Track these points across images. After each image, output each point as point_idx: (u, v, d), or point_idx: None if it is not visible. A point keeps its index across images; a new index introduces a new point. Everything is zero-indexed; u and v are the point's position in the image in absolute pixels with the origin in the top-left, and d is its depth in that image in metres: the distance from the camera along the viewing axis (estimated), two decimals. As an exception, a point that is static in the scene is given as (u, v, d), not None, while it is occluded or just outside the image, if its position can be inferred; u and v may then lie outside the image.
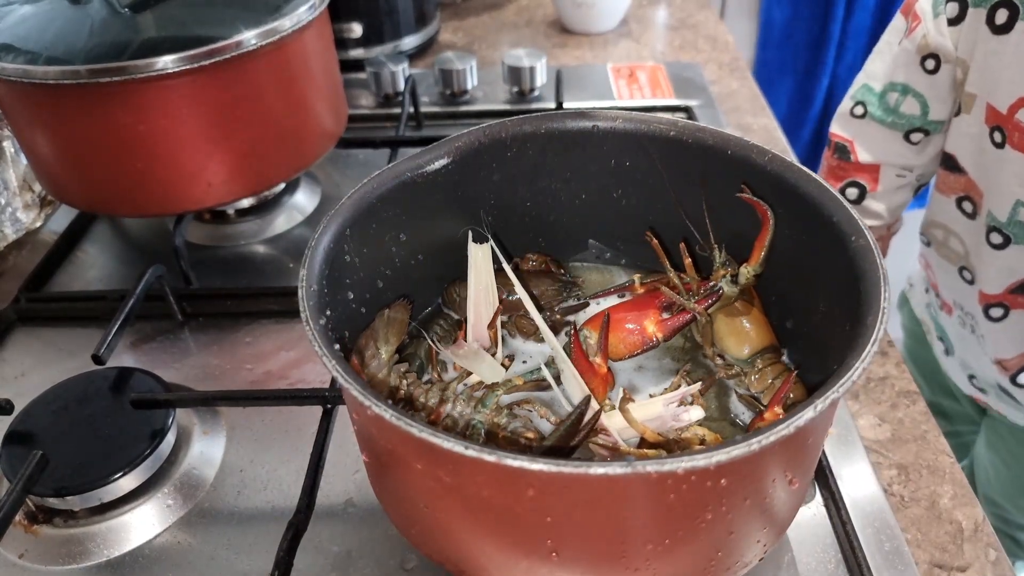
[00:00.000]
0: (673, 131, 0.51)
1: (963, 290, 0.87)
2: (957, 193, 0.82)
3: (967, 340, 0.91)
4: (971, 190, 0.80)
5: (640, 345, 0.51)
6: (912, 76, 0.81)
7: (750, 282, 0.50)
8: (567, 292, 0.56)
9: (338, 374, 0.35)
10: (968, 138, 0.78)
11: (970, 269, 0.85)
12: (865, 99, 0.86)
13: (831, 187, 0.44)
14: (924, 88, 0.81)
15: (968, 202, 0.81)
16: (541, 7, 1.33)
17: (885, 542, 0.50)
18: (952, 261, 0.87)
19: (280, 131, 0.70)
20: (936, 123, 0.83)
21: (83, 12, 0.65)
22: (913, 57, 0.80)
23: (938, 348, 1.01)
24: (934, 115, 0.82)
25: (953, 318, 0.92)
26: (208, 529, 0.52)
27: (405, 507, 0.41)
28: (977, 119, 0.76)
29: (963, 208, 0.82)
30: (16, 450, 0.53)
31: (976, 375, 0.93)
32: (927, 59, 0.79)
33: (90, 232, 0.82)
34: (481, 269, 0.52)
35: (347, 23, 1.05)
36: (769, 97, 1.06)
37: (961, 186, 0.81)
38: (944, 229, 0.87)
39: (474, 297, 0.52)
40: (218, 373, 0.64)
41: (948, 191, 0.84)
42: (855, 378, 0.33)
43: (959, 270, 0.87)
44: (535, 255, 0.58)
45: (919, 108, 0.83)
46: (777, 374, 0.49)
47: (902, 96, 0.83)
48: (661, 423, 0.45)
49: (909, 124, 0.84)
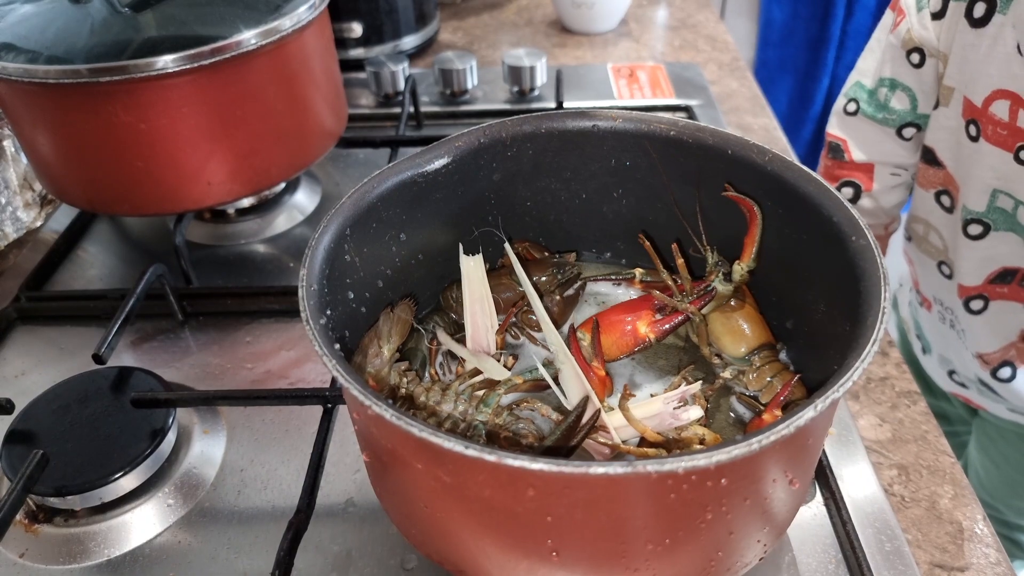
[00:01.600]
0: (673, 131, 0.51)
1: (942, 285, 0.87)
2: (936, 187, 0.83)
3: (947, 336, 0.91)
4: (949, 184, 0.81)
5: (633, 346, 0.51)
6: (899, 70, 0.82)
7: (744, 279, 0.50)
8: (561, 272, 0.55)
9: (338, 374, 0.35)
10: (946, 131, 0.78)
11: (948, 263, 0.85)
12: (857, 96, 0.87)
13: (831, 187, 0.44)
14: (911, 82, 0.82)
15: (946, 196, 0.82)
16: (541, 7, 1.33)
17: (885, 542, 0.50)
18: (932, 256, 0.88)
19: (280, 130, 0.70)
20: (926, 117, 0.83)
21: (84, 11, 0.65)
22: (899, 51, 0.80)
23: (916, 346, 1.01)
24: (923, 109, 0.83)
25: (932, 314, 0.93)
26: (208, 529, 0.52)
27: (405, 507, 0.41)
28: (955, 112, 0.76)
29: (941, 202, 0.83)
30: (17, 449, 0.53)
31: (956, 371, 0.94)
32: (912, 53, 0.79)
33: (90, 231, 0.82)
34: (474, 281, 0.53)
35: (347, 23, 1.05)
36: (769, 97, 1.06)
37: (940, 180, 0.82)
38: (924, 223, 0.87)
39: (470, 308, 0.52)
40: (218, 372, 0.64)
41: (928, 185, 0.84)
42: (855, 378, 0.33)
43: (938, 264, 0.87)
44: (518, 243, 0.58)
45: (909, 102, 0.83)
46: (775, 372, 0.49)
47: (891, 91, 0.83)
48: (660, 421, 0.45)
49: (900, 119, 0.84)
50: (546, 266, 0.56)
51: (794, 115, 2.16)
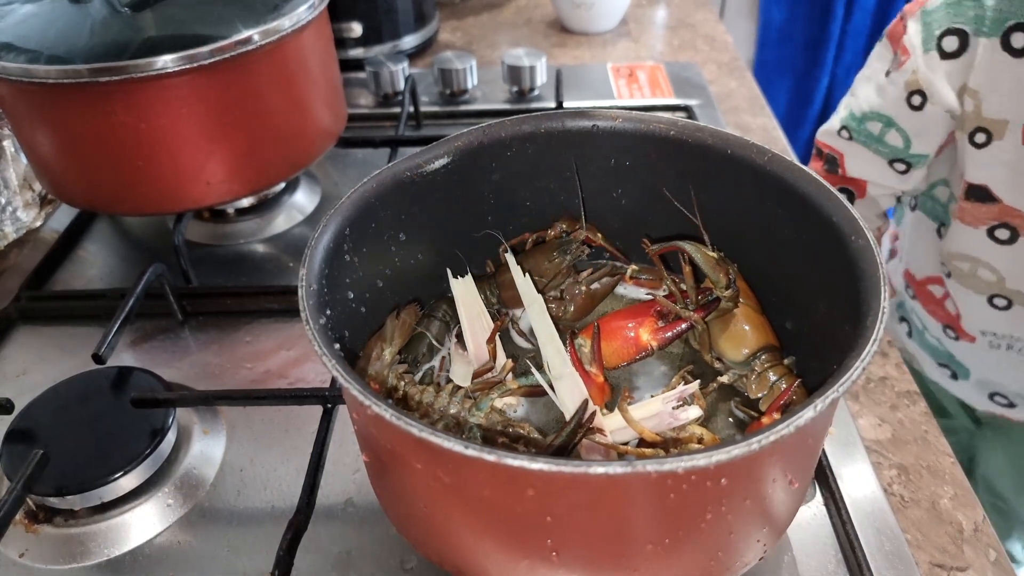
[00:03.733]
0: (673, 131, 0.51)
1: (995, 317, 0.87)
2: (988, 223, 0.82)
3: (1000, 360, 0.90)
4: (1008, 216, 0.80)
5: (635, 354, 0.50)
6: (898, 111, 0.81)
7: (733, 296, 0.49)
8: (568, 251, 0.54)
9: (338, 373, 0.35)
10: (1001, 165, 0.77)
11: (1007, 295, 0.84)
12: (849, 125, 0.87)
13: (831, 187, 0.44)
14: (908, 124, 0.81)
15: (1003, 229, 0.81)
16: (540, 7, 1.33)
17: (885, 542, 0.50)
18: (981, 291, 0.87)
19: (280, 130, 0.70)
20: (918, 156, 0.83)
21: (84, 11, 0.65)
22: (901, 91, 0.80)
23: (939, 374, 1.00)
24: (916, 149, 0.82)
25: (977, 345, 0.92)
26: (208, 529, 0.52)
27: (405, 507, 0.41)
28: (1013, 143, 0.75)
29: (996, 236, 0.82)
30: (17, 449, 0.53)
31: (1003, 392, 0.93)
32: (913, 95, 0.79)
33: (90, 231, 0.82)
34: (468, 302, 0.53)
35: (346, 22, 1.05)
36: (768, 97, 1.06)
37: (994, 215, 0.81)
38: (971, 260, 0.86)
39: (469, 327, 0.52)
40: (218, 372, 0.64)
41: (976, 222, 0.83)
42: (855, 378, 0.33)
43: (989, 299, 0.86)
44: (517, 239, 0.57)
45: (902, 141, 0.83)
46: (779, 376, 0.48)
47: (886, 128, 0.83)
48: (659, 421, 0.45)
49: (892, 154, 0.84)
50: (549, 251, 0.54)
51: (793, 115, 2.16)
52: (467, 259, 0.56)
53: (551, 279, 0.54)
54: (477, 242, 0.56)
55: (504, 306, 0.56)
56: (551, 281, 0.55)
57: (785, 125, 0.97)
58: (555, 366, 0.48)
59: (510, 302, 0.55)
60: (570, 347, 0.49)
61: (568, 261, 0.54)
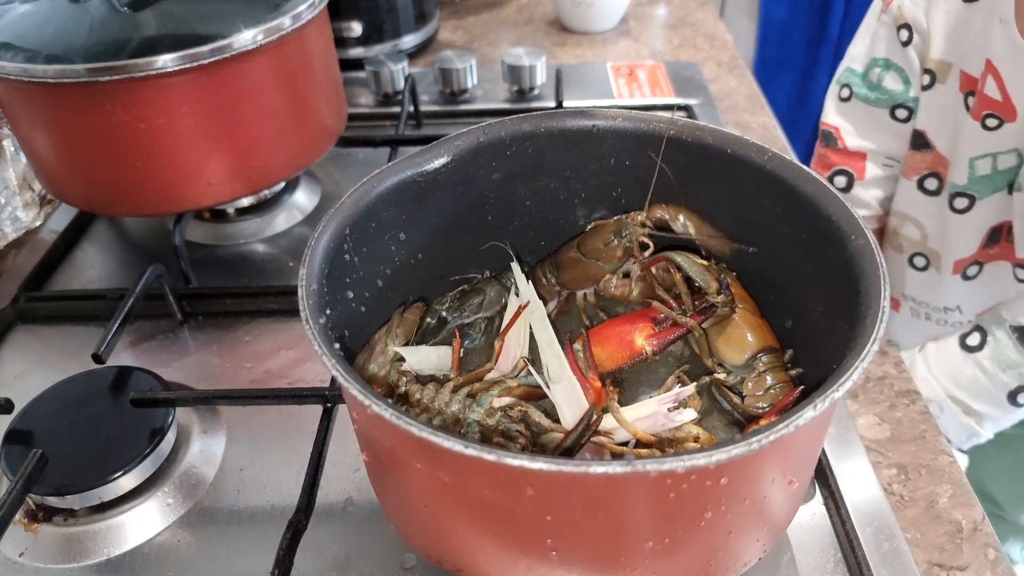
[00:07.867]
0: (672, 130, 0.51)
1: (915, 279, 0.88)
2: (921, 172, 0.84)
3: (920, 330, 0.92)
4: (938, 165, 0.82)
5: (629, 358, 0.50)
6: (892, 50, 0.83)
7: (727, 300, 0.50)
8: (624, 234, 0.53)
9: (338, 373, 0.35)
10: (941, 110, 0.80)
11: (926, 253, 0.86)
12: (850, 80, 0.88)
13: (830, 186, 0.44)
14: (902, 61, 0.83)
15: (932, 179, 0.83)
16: (540, 6, 1.33)
17: (884, 541, 0.50)
18: (903, 250, 0.88)
19: (280, 130, 0.70)
20: (916, 100, 0.85)
21: (83, 10, 0.65)
22: (891, 30, 0.82)
23: None
24: (914, 90, 0.84)
25: (901, 315, 0.93)
26: (208, 528, 0.52)
27: (404, 506, 0.41)
28: (952, 88, 0.77)
29: (925, 187, 0.84)
30: (16, 449, 0.53)
31: None
32: (901, 29, 0.81)
33: (90, 231, 0.82)
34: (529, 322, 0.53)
35: (347, 22, 1.05)
36: (768, 95, 1.06)
37: (928, 163, 0.83)
38: (900, 216, 0.88)
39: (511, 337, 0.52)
40: (218, 372, 0.64)
41: (912, 172, 0.85)
42: (855, 377, 0.33)
43: (910, 258, 0.87)
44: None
45: (901, 82, 0.85)
46: (778, 381, 0.48)
47: (884, 71, 0.85)
48: (654, 423, 0.45)
49: (893, 99, 0.86)
50: (606, 230, 0.54)
51: (793, 113, 2.16)
52: (470, 259, 0.56)
53: (605, 261, 0.54)
54: (477, 242, 0.56)
55: (566, 288, 0.57)
56: (606, 264, 0.55)
57: (785, 124, 0.98)
58: (554, 370, 0.48)
59: (571, 283, 0.55)
60: (568, 352, 0.49)
61: (623, 243, 0.54)
